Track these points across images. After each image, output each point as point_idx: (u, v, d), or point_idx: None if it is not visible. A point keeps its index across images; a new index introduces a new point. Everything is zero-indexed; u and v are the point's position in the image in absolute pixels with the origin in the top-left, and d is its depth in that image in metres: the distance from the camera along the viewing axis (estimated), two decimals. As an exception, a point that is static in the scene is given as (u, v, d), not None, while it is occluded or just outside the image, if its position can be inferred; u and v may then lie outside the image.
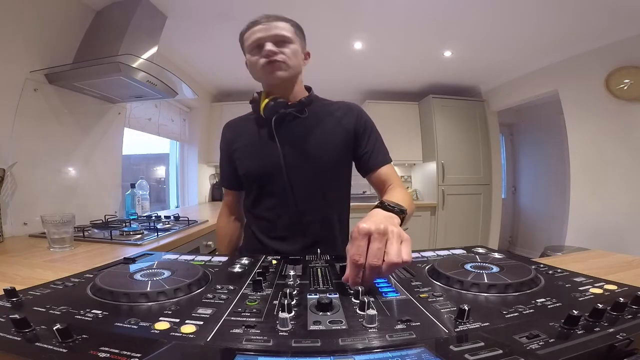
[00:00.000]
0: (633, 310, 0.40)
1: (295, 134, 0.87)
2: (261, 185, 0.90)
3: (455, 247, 0.80)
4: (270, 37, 0.82)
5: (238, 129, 0.97)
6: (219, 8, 1.93)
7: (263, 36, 0.82)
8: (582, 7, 1.93)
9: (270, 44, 0.81)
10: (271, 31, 0.82)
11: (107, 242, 1.21)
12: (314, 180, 0.87)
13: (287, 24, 0.85)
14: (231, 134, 0.97)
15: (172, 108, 2.98)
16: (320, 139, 0.88)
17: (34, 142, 1.44)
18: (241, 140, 0.94)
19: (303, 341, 0.35)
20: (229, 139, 0.97)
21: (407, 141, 3.60)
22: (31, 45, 1.42)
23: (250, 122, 0.94)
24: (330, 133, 0.89)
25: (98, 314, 0.41)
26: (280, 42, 0.82)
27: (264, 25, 0.83)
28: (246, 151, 0.92)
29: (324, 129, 0.89)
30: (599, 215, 2.39)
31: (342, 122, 0.90)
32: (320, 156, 0.87)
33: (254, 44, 0.83)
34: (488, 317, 0.40)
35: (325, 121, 0.90)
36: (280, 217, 0.89)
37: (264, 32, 0.82)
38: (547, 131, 3.95)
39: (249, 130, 0.93)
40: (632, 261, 0.84)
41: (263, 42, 0.82)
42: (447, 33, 2.32)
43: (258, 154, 0.89)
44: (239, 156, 0.93)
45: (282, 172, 0.84)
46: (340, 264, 0.64)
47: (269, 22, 0.83)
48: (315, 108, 0.91)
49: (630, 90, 2.16)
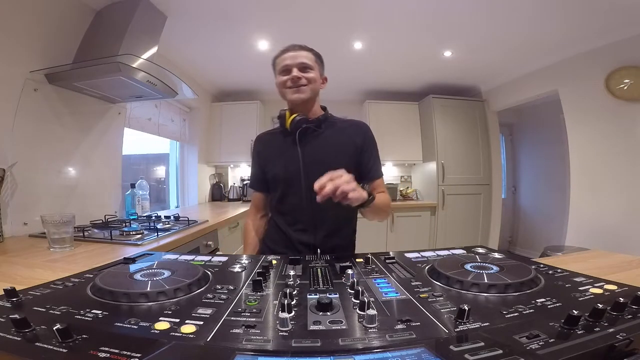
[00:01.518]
0: (633, 310, 0.40)
1: (314, 146, 1.05)
2: (285, 186, 1.06)
3: (455, 247, 0.80)
4: (296, 64, 1.01)
5: (267, 141, 1.16)
6: (219, 8, 1.93)
7: (290, 63, 1.02)
8: (582, 7, 1.93)
9: (296, 69, 1.01)
10: (297, 59, 1.02)
11: (107, 242, 1.21)
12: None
13: (309, 53, 1.05)
14: (261, 146, 1.16)
15: (172, 108, 2.98)
16: (333, 149, 1.05)
17: (34, 142, 1.44)
18: (270, 150, 1.13)
19: (303, 341, 0.35)
20: (259, 150, 1.16)
21: (407, 141, 3.60)
22: (31, 45, 1.42)
23: (277, 135, 1.12)
24: (342, 145, 1.06)
25: (98, 314, 0.41)
26: (304, 69, 1.02)
27: (292, 53, 1.03)
28: (274, 159, 1.10)
29: (337, 142, 1.06)
30: (599, 215, 2.39)
31: (352, 138, 1.08)
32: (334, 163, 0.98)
33: (283, 68, 1.03)
34: (488, 317, 0.40)
35: (338, 136, 1.08)
36: (301, 212, 1.04)
37: (292, 59, 1.02)
38: (547, 131, 3.95)
39: (276, 142, 1.11)
40: (632, 261, 0.84)
41: (290, 68, 1.02)
42: (447, 33, 2.32)
43: (283, 160, 1.06)
44: (267, 163, 1.11)
45: (300, 176, 1.01)
46: (340, 264, 0.64)
47: (296, 51, 1.03)
48: (330, 124, 1.09)
49: (630, 90, 2.16)
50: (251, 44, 2.43)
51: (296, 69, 1.01)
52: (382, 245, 3.27)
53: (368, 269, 0.65)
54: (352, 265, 0.64)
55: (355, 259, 0.73)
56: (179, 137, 3.15)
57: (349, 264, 0.63)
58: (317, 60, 1.06)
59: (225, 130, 3.48)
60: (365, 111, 3.59)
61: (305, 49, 1.05)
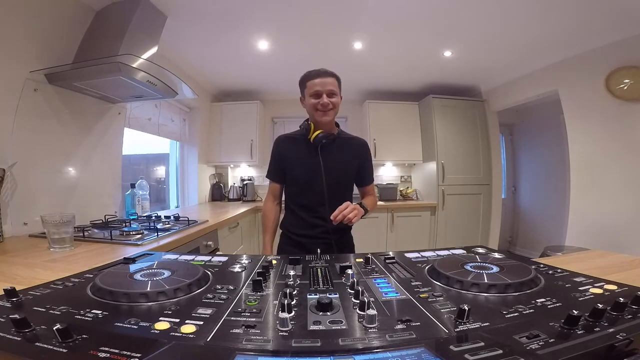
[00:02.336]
0: (633, 310, 0.40)
1: (330, 156, 1.28)
2: (305, 184, 1.29)
3: (455, 247, 0.80)
4: (326, 91, 1.21)
5: (290, 144, 1.35)
6: (219, 8, 1.93)
7: (321, 90, 1.22)
8: (582, 7, 1.93)
9: (325, 96, 1.21)
10: (327, 86, 1.21)
11: (107, 242, 1.21)
12: (339, 185, 1.31)
13: (334, 79, 1.24)
14: (284, 147, 1.35)
15: (172, 108, 2.98)
16: (344, 160, 1.32)
17: (34, 142, 1.44)
18: (293, 153, 1.33)
19: (303, 341, 0.35)
20: (282, 150, 1.35)
21: (407, 141, 3.60)
22: (31, 46, 1.42)
23: (300, 142, 1.32)
24: (350, 157, 1.34)
25: (98, 314, 0.41)
26: (331, 94, 1.22)
27: (322, 79, 1.22)
28: (296, 162, 1.31)
29: (347, 154, 1.33)
30: (598, 215, 2.39)
31: (358, 152, 1.37)
32: (345, 171, 1.33)
33: (314, 93, 1.22)
34: (488, 317, 0.40)
35: (347, 149, 1.34)
36: (319, 204, 1.27)
37: (322, 86, 1.22)
38: (547, 131, 3.94)
39: (299, 148, 1.32)
40: (632, 261, 0.84)
41: (321, 93, 1.21)
42: (447, 33, 2.32)
43: (306, 165, 1.29)
44: (290, 164, 1.32)
45: (322, 178, 1.24)
46: (340, 264, 0.64)
47: (326, 77, 1.22)
48: (341, 140, 1.33)
49: (630, 90, 2.16)
50: (251, 44, 2.43)
51: (325, 95, 1.20)
52: (382, 245, 3.27)
53: (368, 269, 0.65)
54: (352, 265, 0.64)
55: (355, 259, 0.73)
56: (179, 137, 3.15)
57: (349, 264, 0.63)
58: (339, 84, 1.26)
59: (225, 130, 3.48)
60: (365, 111, 3.59)
61: (332, 75, 1.24)
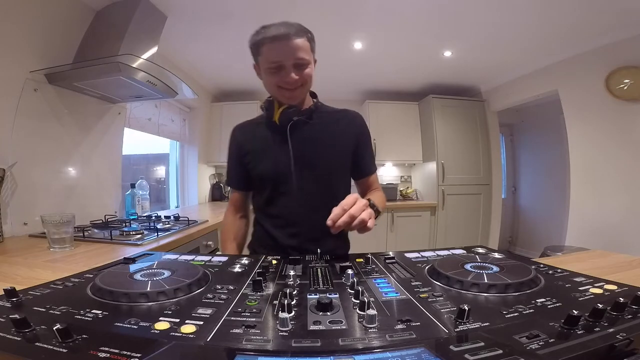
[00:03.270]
0: (633, 310, 0.40)
1: (305, 139, 0.92)
2: (275, 186, 0.94)
3: (455, 247, 0.80)
4: (292, 63, 0.81)
5: (249, 133, 1.00)
6: (219, 8, 1.93)
7: (284, 61, 0.80)
8: (582, 7, 1.93)
9: (293, 72, 0.81)
10: (293, 54, 0.80)
11: (107, 242, 1.21)
12: (322, 180, 0.93)
13: (304, 39, 0.82)
14: (242, 137, 1.01)
15: (172, 108, 2.98)
16: (326, 143, 0.94)
17: (34, 142, 1.44)
18: (254, 143, 0.97)
19: (303, 341, 0.35)
20: (240, 142, 1.00)
21: (407, 141, 3.60)
22: (31, 46, 1.42)
23: (261, 127, 0.98)
24: (336, 138, 0.95)
25: (98, 314, 0.41)
26: (298, 65, 0.82)
27: (284, 44, 0.79)
28: (260, 154, 0.96)
29: (330, 135, 0.95)
30: (599, 215, 2.39)
31: (347, 130, 0.97)
32: (328, 159, 0.94)
33: (274, 65, 0.82)
34: (488, 317, 0.40)
35: (332, 127, 0.96)
36: (293, 214, 0.94)
37: (285, 55, 0.80)
38: (547, 131, 3.95)
39: (261, 134, 0.97)
40: (632, 261, 0.84)
41: (284, 66, 0.81)
42: (447, 33, 2.32)
43: (272, 156, 0.93)
44: (252, 159, 0.97)
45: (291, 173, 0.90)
46: (340, 264, 0.64)
47: (290, 40, 0.79)
48: (321, 114, 0.96)
49: (630, 90, 2.16)
50: (251, 44, 2.43)
51: (293, 71, 0.81)
52: (382, 245, 3.27)
53: (368, 269, 0.65)
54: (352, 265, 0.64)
55: (355, 259, 0.73)
56: (179, 137, 3.15)
57: (349, 264, 0.63)
58: (312, 45, 0.85)
59: (225, 130, 3.43)
60: (365, 111, 3.59)
61: (300, 34, 0.81)
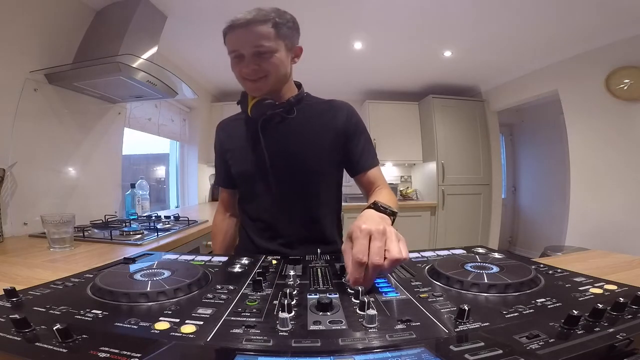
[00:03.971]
0: (633, 310, 0.40)
1: (283, 135, 0.85)
2: (251, 186, 0.89)
3: (455, 247, 0.80)
4: (250, 52, 0.75)
5: (230, 130, 0.96)
6: (219, 8, 1.93)
7: (241, 49, 0.75)
8: (582, 7, 1.93)
9: (251, 62, 0.75)
10: (251, 42, 0.74)
11: (107, 242, 1.21)
12: (302, 180, 0.86)
13: (267, 26, 0.74)
14: (223, 135, 0.96)
15: (172, 108, 2.98)
16: (307, 139, 0.85)
17: (34, 142, 1.44)
18: (234, 141, 0.93)
19: (303, 341, 0.35)
20: (222, 139, 0.96)
21: (407, 141, 3.60)
22: (31, 45, 1.42)
23: (239, 122, 0.92)
24: (319, 133, 0.86)
25: (98, 314, 0.41)
26: (257, 53, 0.75)
27: (244, 31, 0.73)
28: (238, 153, 0.91)
29: (312, 129, 0.86)
30: (598, 215, 2.39)
31: (332, 123, 0.87)
32: (308, 157, 0.85)
33: (233, 55, 0.77)
34: (488, 317, 0.40)
35: (314, 121, 0.87)
36: (271, 217, 0.88)
37: (243, 43, 0.74)
38: (547, 131, 3.95)
39: (240, 131, 0.91)
40: (632, 261, 0.84)
41: (243, 55, 0.76)
42: (447, 33, 2.32)
43: (247, 155, 0.88)
44: (231, 157, 0.93)
45: (267, 173, 0.84)
46: (339, 264, 0.64)
47: (249, 26, 0.73)
48: (305, 107, 0.88)
49: (630, 90, 2.16)
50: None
51: (251, 60, 0.75)
52: (382, 245, 3.27)
53: (368, 269, 0.65)
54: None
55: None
56: (179, 137, 3.15)
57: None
58: (280, 33, 0.76)
59: (225, 130, 3.48)
60: (365, 111, 3.59)
61: (258, 21, 0.73)
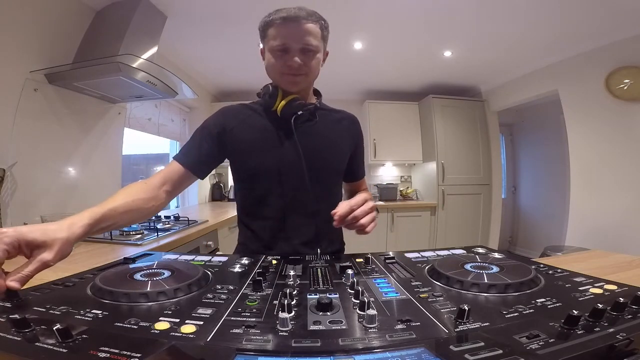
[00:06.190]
0: (633, 310, 0.40)
1: (312, 135, 0.87)
2: (269, 184, 0.86)
3: (455, 247, 0.80)
4: (298, 47, 0.77)
5: (241, 118, 0.88)
6: (219, 8, 1.93)
7: (291, 44, 0.77)
8: (582, 7, 1.93)
9: (297, 57, 0.78)
10: (302, 39, 0.77)
11: (107, 242, 1.21)
12: (325, 179, 0.90)
13: (316, 26, 0.79)
14: (233, 121, 0.87)
15: (172, 108, 2.98)
16: (331, 142, 0.91)
17: (34, 142, 1.44)
18: (248, 132, 0.86)
19: (303, 341, 0.35)
20: (226, 125, 0.86)
21: (407, 141, 3.60)
22: (31, 45, 1.42)
23: (256, 115, 0.88)
24: (339, 138, 0.94)
25: (98, 314, 0.41)
26: (305, 50, 0.78)
27: (296, 25, 0.76)
28: (256, 145, 0.86)
29: (334, 134, 0.93)
30: (598, 215, 2.39)
31: (347, 131, 0.96)
32: (332, 158, 0.92)
33: (279, 47, 0.78)
34: (488, 317, 0.40)
35: (333, 127, 0.93)
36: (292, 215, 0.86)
37: (294, 36, 0.77)
38: (547, 131, 3.95)
39: (256, 123, 0.87)
40: (632, 261, 0.84)
41: (290, 49, 0.78)
42: (447, 33, 2.32)
43: (273, 151, 0.85)
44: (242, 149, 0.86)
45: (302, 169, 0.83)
46: (340, 264, 0.64)
47: (301, 24, 0.76)
48: (323, 113, 0.92)
49: (630, 90, 2.16)
50: (251, 43, 2.43)
51: (297, 56, 0.77)
52: (382, 245, 3.27)
53: (368, 269, 0.65)
54: (352, 265, 0.64)
55: (355, 259, 0.73)
56: (179, 137, 3.15)
57: (349, 264, 0.63)
58: (324, 34, 0.82)
59: (225, 130, 3.47)
60: (365, 111, 3.60)
61: (312, 19, 0.78)
